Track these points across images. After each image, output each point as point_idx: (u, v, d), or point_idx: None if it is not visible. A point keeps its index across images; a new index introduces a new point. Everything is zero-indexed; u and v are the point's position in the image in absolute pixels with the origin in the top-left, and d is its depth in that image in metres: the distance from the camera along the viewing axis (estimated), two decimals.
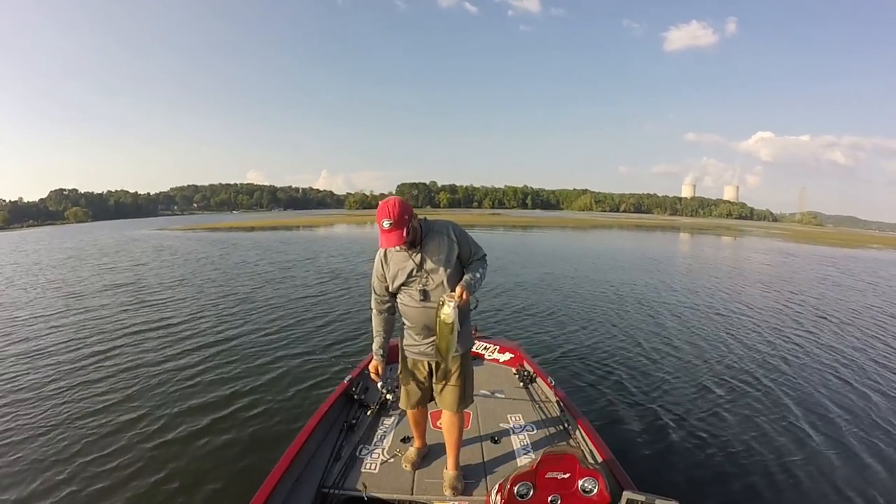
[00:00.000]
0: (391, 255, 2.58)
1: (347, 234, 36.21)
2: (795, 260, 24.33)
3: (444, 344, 2.44)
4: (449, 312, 2.33)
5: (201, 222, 59.64)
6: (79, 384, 5.75)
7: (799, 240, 47.37)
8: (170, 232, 38.99)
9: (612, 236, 40.28)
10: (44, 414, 4.95)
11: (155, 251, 22.17)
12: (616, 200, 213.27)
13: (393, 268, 2.58)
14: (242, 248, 23.07)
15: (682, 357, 6.85)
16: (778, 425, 4.80)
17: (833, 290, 13.86)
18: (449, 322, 2.35)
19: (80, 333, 7.94)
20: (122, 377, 5.96)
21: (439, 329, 2.39)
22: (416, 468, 2.89)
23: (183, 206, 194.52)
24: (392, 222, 2.33)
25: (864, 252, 34.39)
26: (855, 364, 6.77)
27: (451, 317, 2.33)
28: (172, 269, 15.64)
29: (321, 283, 12.67)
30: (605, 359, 6.63)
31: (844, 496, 3.68)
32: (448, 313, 2.33)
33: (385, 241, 2.38)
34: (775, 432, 4.64)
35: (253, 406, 5.08)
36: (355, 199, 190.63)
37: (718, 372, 6.26)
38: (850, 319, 9.81)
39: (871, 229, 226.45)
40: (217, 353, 6.86)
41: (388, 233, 2.35)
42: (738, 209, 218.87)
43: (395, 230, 2.34)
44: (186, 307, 9.89)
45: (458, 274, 2.57)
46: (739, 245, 36.33)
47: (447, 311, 2.33)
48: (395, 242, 2.37)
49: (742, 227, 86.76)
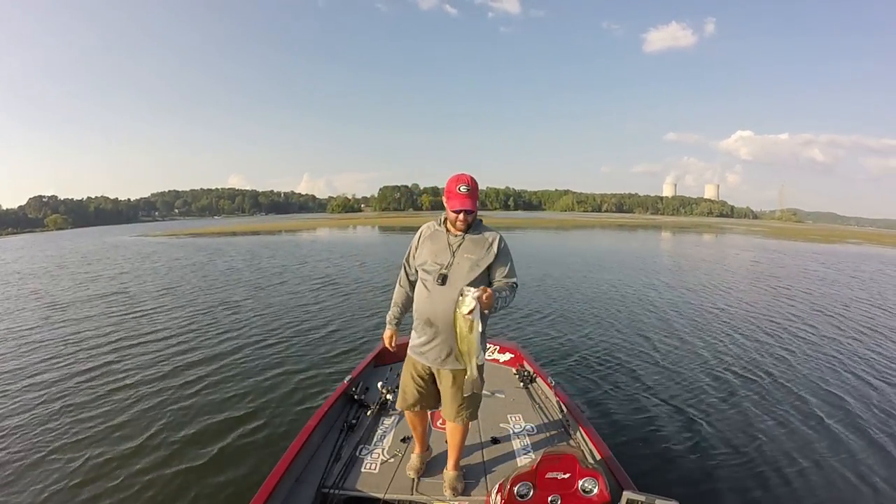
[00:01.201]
0: (432, 233, 2.61)
1: (331, 237, 35.81)
2: (779, 256, 24.72)
3: (465, 346, 2.29)
4: (469, 303, 2.18)
5: (183, 228, 58.61)
6: (77, 383, 5.74)
7: (779, 236, 48.41)
8: (152, 238, 38.04)
9: (595, 236, 40.66)
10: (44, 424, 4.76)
11: (139, 258, 21.43)
12: (598, 200, 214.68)
13: (429, 245, 2.57)
14: (227, 254, 22.50)
15: (682, 356, 6.84)
16: (778, 424, 4.79)
17: (820, 286, 14.10)
18: (466, 313, 2.19)
19: (67, 347, 7.50)
20: (119, 378, 5.93)
21: (458, 328, 2.26)
22: (420, 475, 2.82)
23: (164, 212, 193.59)
24: (469, 188, 2.41)
25: (843, 247, 35.21)
26: (852, 362, 6.76)
27: (470, 306, 2.18)
28: (159, 277, 15.13)
29: (314, 289, 12.41)
30: (605, 358, 6.63)
31: (845, 495, 3.69)
32: (468, 304, 2.18)
33: (459, 203, 2.40)
34: (776, 431, 4.63)
35: (253, 406, 5.06)
36: (337, 202, 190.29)
37: (718, 371, 6.25)
38: (842, 314, 9.99)
39: (850, 225, 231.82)
40: (213, 356, 6.78)
41: (464, 197, 2.40)
42: (718, 207, 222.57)
43: (470, 196, 2.41)
44: (178, 314, 9.59)
45: (482, 283, 2.46)
46: (723, 243, 36.82)
47: (467, 301, 2.19)
48: (469, 206, 2.41)
49: (723, 225, 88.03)
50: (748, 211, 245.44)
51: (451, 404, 2.60)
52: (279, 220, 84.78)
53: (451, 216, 2.48)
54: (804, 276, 16.13)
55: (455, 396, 2.58)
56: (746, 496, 3.63)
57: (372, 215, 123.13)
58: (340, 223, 62.94)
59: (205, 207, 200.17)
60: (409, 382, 2.71)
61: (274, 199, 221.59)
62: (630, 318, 9.17)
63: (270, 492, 2.42)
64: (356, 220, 77.84)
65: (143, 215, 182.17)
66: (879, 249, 34.81)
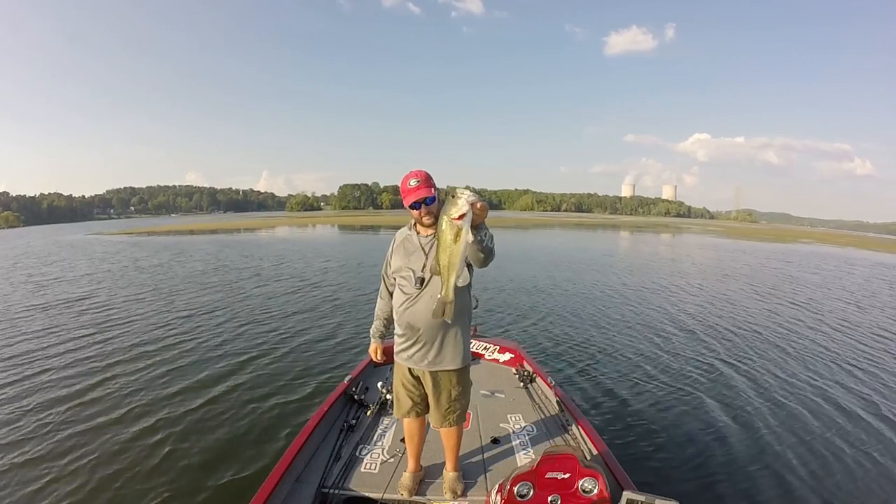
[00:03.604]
0: (404, 239, 2.55)
1: (291, 235, 34.62)
2: (743, 256, 25.27)
3: (446, 258, 2.00)
4: (461, 206, 1.87)
5: (140, 226, 55.89)
6: (72, 383, 5.62)
7: (733, 236, 49.88)
8: (108, 237, 35.51)
9: (557, 235, 40.93)
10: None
11: (98, 260, 19.42)
12: (557, 200, 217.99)
13: (401, 251, 2.52)
14: (190, 253, 21.08)
15: (681, 356, 6.79)
16: (778, 424, 4.74)
17: (789, 284, 14.29)
18: (456, 217, 1.89)
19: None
20: (117, 380, 5.78)
21: (442, 236, 1.98)
22: (412, 494, 2.68)
23: (120, 210, 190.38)
24: (419, 181, 2.34)
25: (795, 246, 36.74)
26: (851, 360, 6.83)
27: (462, 209, 1.87)
28: (123, 278, 13.86)
29: (297, 289, 11.91)
30: (605, 358, 6.58)
31: (845, 494, 3.65)
32: (461, 207, 1.87)
33: (413, 195, 2.33)
34: (776, 431, 4.58)
35: (252, 407, 4.99)
36: (297, 200, 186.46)
37: (718, 371, 6.21)
38: (839, 318, 9.95)
39: (803, 225, 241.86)
40: (212, 357, 6.61)
41: (416, 189, 2.33)
42: (676, 207, 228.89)
43: (423, 186, 2.34)
44: (158, 319, 8.89)
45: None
46: (684, 242, 37.54)
47: (459, 203, 1.88)
48: (424, 194, 2.33)
49: (680, 224, 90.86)
50: (705, 211, 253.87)
51: (438, 409, 2.57)
52: (238, 219, 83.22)
53: (415, 214, 2.43)
54: (801, 281, 16.22)
55: (440, 400, 2.54)
56: (747, 496, 3.58)
57: (331, 214, 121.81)
58: (300, 222, 61.67)
59: (161, 205, 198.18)
60: (401, 388, 2.67)
61: (232, 197, 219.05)
62: (629, 317, 9.12)
63: (270, 492, 2.40)
64: (316, 218, 76.09)
65: (98, 213, 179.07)
66: (829, 248, 36.46)
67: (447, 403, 2.53)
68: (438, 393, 2.52)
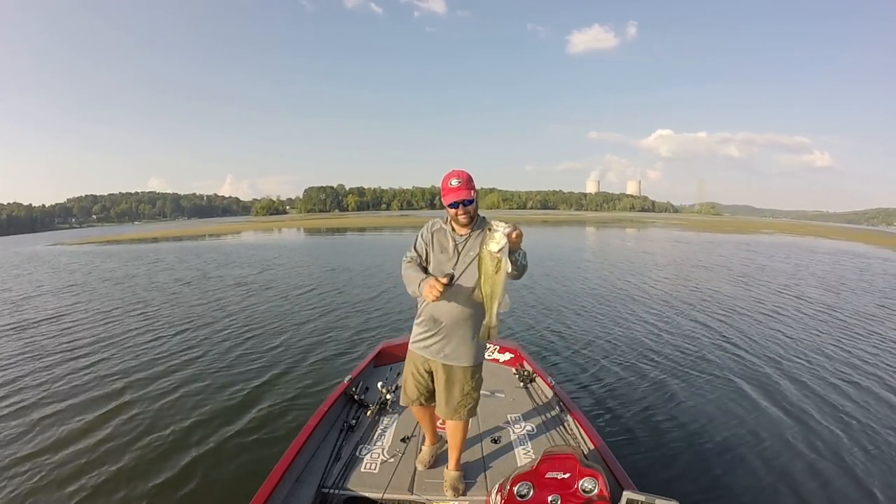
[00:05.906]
0: (439, 229, 2.55)
1: (258, 240, 33.75)
2: (720, 248, 25.66)
3: (489, 288, 2.07)
4: (499, 240, 1.96)
5: (103, 235, 53.54)
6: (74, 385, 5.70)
7: (696, 229, 50.85)
8: (70, 247, 33.26)
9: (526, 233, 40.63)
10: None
11: (64, 271, 17.95)
12: (523, 198, 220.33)
13: (435, 243, 2.52)
14: (162, 261, 20.20)
15: (680, 355, 6.66)
16: (779, 423, 4.67)
17: (762, 273, 14.49)
18: (495, 251, 1.97)
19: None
20: (114, 381, 5.82)
21: (483, 268, 2.06)
22: (429, 467, 2.85)
23: (81, 219, 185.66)
24: (461, 181, 2.35)
25: (757, 237, 37.72)
26: (853, 358, 6.60)
27: (500, 243, 1.96)
28: (98, 290, 12.91)
29: (292, 295, 11.45)
30: (605, 358, 6.45)
31: (845, 493, 3.59)
32: (498, 241, 1.96)
33: (453, 195, 2.33)
34: (776, 431, 4.52)
35: (252, 407, 4.98)
36: (262, 205, 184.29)
37: (718, 371, 6.06)
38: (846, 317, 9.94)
39: (765, 216, 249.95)
40: (210, 360, 6.56)
41: (457, 189, 2.33)
42: (640, 202, 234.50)
43: (464, 188, 2.34)
44: (149, 323, 8.74)
45: None
46: (661, 237, 37.90)
47: (496, 237, 1.96)
48: (464, 196, 2.34)
49: (645, 219, 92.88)
50: (669, 205, 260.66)
51: (449, 402, 2.59)
52: (203, 225, 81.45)
53: (451, 212, 2.43)
54: (773, 271, 16.41)
55: (453, 393, 2.58)
56: (747, 495, 3.56)
57: (297, 217, 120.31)
58: (265, 226, 60.40)
59: (124, 212, 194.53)
60: (410, 378, 2.73)
61: (196, 203, 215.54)
62: (628, 317, 8.93)
63: (270, 492, 2.40)
64: (281, 222, 74.13)
65: (59, 222, 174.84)
66: (792, 238, 37.70)
67: (460, 396, 2.57)
68: (451, 386, 2.56)
